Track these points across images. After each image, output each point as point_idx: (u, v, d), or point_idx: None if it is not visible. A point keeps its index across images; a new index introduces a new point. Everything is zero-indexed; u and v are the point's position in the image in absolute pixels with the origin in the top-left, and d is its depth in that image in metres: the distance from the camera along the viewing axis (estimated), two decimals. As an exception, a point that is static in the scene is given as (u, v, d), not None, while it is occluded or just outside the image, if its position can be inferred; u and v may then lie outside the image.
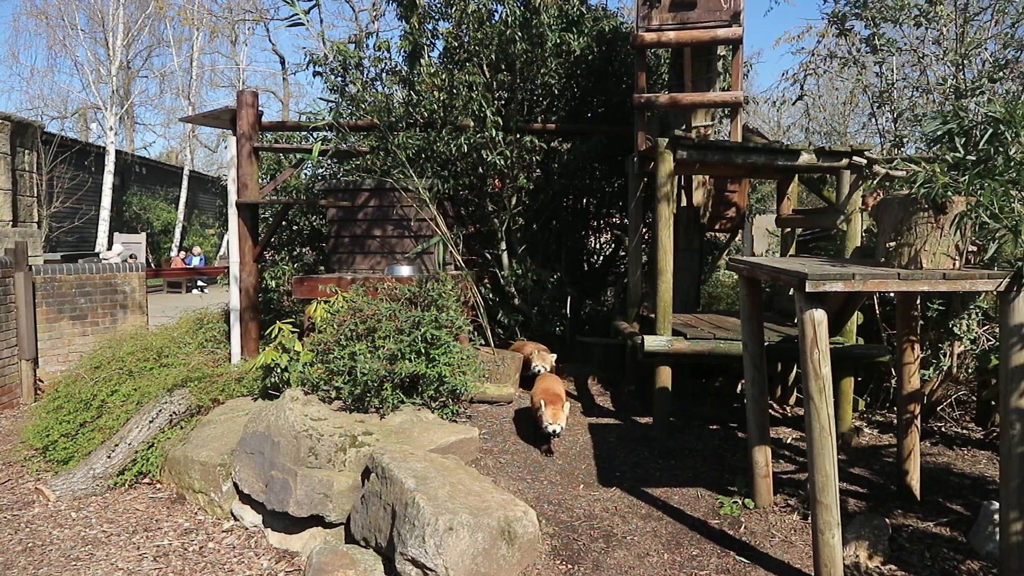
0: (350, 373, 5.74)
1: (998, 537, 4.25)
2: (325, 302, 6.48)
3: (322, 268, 9.08)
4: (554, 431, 5.87)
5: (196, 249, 23.78)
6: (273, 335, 6.36)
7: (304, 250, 10.02)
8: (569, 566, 4.63)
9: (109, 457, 6.22)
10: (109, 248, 18.38)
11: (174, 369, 7.22)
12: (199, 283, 21.31)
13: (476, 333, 6.70)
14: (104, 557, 5.08)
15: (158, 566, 4.99)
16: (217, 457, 5.79)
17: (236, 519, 5.59)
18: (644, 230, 8.12)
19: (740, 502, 5.31)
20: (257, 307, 7.97)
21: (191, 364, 7.40)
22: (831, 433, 4.19)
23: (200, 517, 5.71)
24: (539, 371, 7.08)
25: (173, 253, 25.28)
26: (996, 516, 4.41)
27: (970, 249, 4.38)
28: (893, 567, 4.59)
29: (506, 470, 5.79)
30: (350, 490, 4.99)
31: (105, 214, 21.62)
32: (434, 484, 4.52)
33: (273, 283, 9.41)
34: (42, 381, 8.77)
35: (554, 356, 7.48)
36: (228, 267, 8.30)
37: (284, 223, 9.48)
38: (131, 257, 13.64)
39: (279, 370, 6.27)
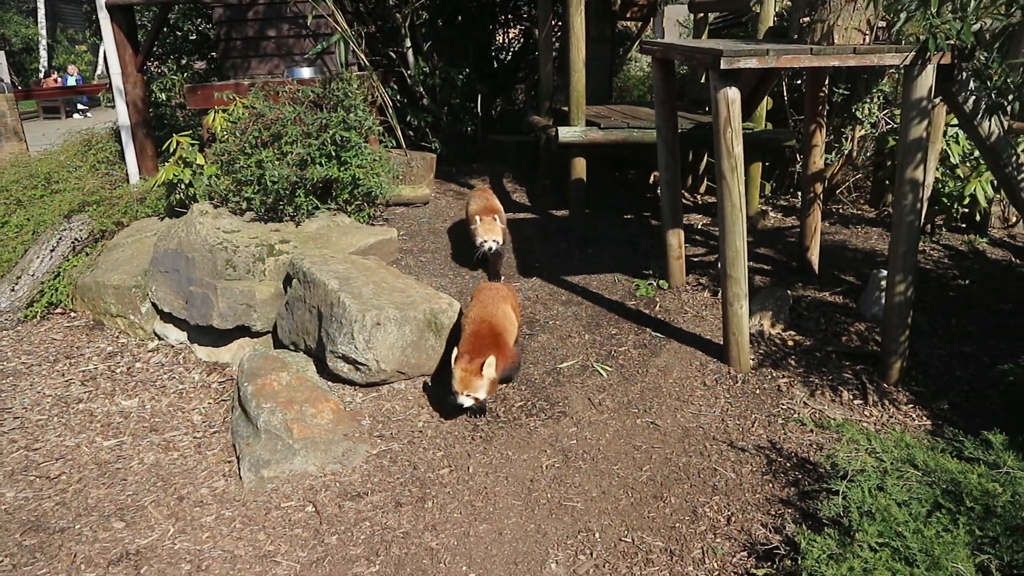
0: (259, 182, 5.51)
1: (883, 300, 4.63)
2: (223, 111, 6.06)
3: (215, 77, 8.41)
4: (469, 407, 4.11)
5: (72, 68, 21.53)
6: (172, 150, 5.97)
7: (192, 59, 9.20)
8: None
9: (13, 290, 5.95)
10: (-38, 71, 16.38)
11: (68, 195, 6.78)
12: (79, 105, 19.55)
13: (386, 135, 6.45)
14: (29, 387, 5.00)
15: (87, 389, 4.96)
16: (131, 280, 5.62)
17: (160, 338, 5.54)
18: (554, 20, 7.76)
19: (655, 284, 5.58)
20: (150, 122, 7.41)
21: (86, 188, 6.95)
22: (742, 210, 4.35)
23: (122, 340, 5.62)
24: (490, 248, 5.52)
25: (42, 74, 22.87)
26: (883, 282, 4.78)
27: (879, 25, 4.38)
28: (792, 332, 5.01)
29: (427, 268, 5.86)
30: (273, 298, 4.97)
31: (-53, 30, 19.08)
32: (357, 283, 4.54)
33: (163, 96, 8.70)
34: (-83, 222, 8.12)
35: (503, 225, 5.76)
36: (109, 82, 7.57)
37: (166, 28, 8.60)
38: (-1, 79, 12.27)
39: (183, 185, 5.96)
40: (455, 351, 4.16)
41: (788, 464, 3.78)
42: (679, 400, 4.34)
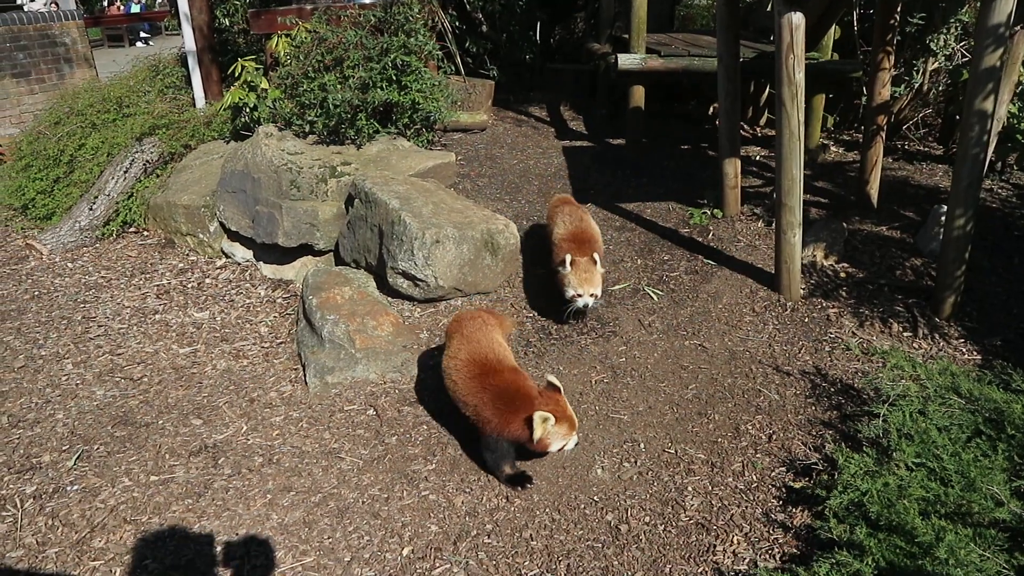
0: (322, 105, 5.64)
1: (941, 236, 4.56)
2: (287, 35, 6.16)
3: (273, 3, 8.49)
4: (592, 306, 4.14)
5: (134, -5, 21.89)
6: (237, 74, 6.13)
7: (253, -16, 9.25)
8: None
9: (91, 209, 6.27)
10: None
11: (139, 118, 7.03)
12: (142, 34, 19.91)
13: (445, 61, 6.49)
14: (109, 299, 5.33)
15: (162, 302, 5.27)
16: (199, 200, 5.87)
17: (227, 256, 5.81)
18: (618, -55, 7.59)
19: (709, 212, 5.60)
20: (215, 47, 7.57)
21: (155, 112, 7.19)
22: (799, 138, 4.32)
23: (192, 258, 5.92)
24: (586, 306, 4.19)
25: (106, 3, 23.24)
26: (943, 218, 4.70)
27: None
28: (846, 264, 5.00)
29: (484, 192, 5.98)
30: (335, 218, 5.16)
31: (15, -42, 19.40)
32: (417, 203, 4.68)
33: (226, 22, 8.81)
34: (1, 145, 8.52)
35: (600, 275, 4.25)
36: (172, 9, 7.71)
37: (229, -46, 8.66)
38: (54, 4, 12.48)
39: (248, 109, 6.13)
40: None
41: (832, 389, 3.85)
42: (727, 325, 4.42)
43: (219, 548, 3.09)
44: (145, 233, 6.38)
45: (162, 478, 3.50)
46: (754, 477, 3.34)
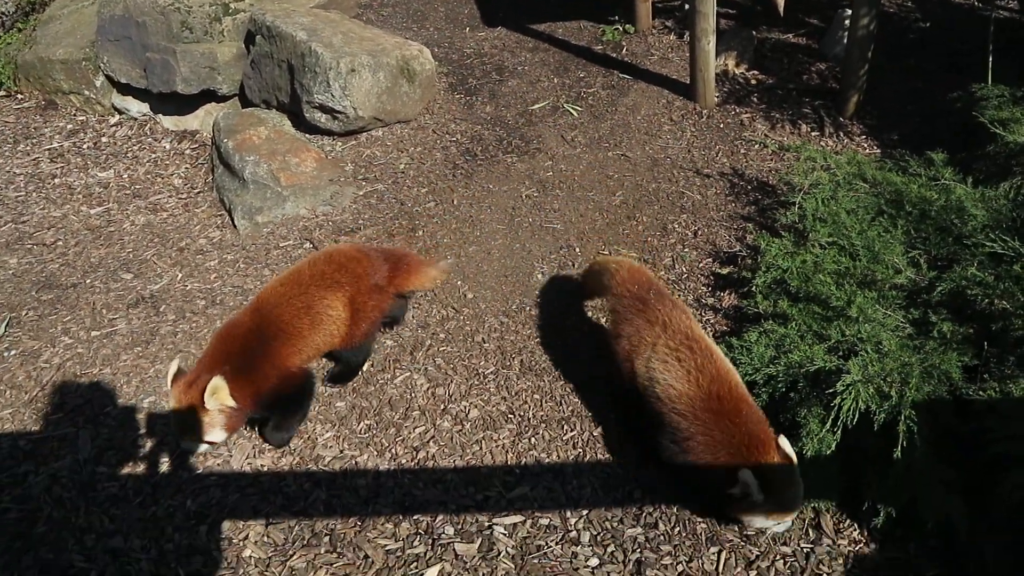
0: (203, -66, 5.15)
1: (845, 39, 4.69)
2: None
3: None
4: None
5: None
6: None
7: None
8: (468, 97, 4.92)
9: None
10: None
11: (-20, -35, 6.25)
12: None
13: None
14: (-3, 167, 4.95)
15: (58, 165, 4.95)
16: (78, 52, 5.38)
17: (121, 112, 5.44)
18: None
19: (621, 28, 5.56)
20: None
21: (-2, -43, 6.40)
22: (711, -60, 4.27)
23: (81, 117, 5.50)
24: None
25: None
26: (847, 21, 4.81)
27: None
28: (756, 72, 5.13)
29: (390, 22, 5.74)
30: (236, 59, 4.87)
31: None
32: (326, 34, 4.46)
33: None
34: None
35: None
36: None
37: None
38: None
39: (116, -55, 5.53)
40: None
41: (749, 187, 4.06)
42: (647, 135, 4.53)
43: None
44: (19, 96, 5.84)
45: (104, 332, 3.45)
46: (684, 269, 3.56)
